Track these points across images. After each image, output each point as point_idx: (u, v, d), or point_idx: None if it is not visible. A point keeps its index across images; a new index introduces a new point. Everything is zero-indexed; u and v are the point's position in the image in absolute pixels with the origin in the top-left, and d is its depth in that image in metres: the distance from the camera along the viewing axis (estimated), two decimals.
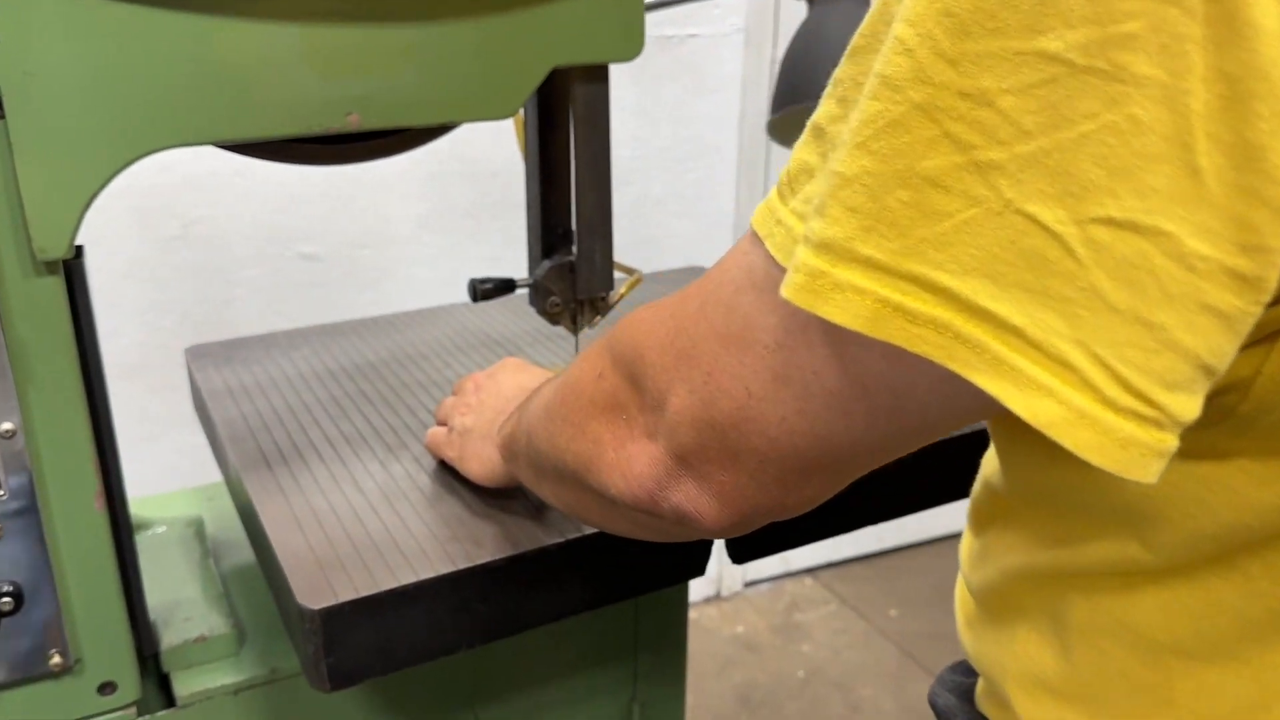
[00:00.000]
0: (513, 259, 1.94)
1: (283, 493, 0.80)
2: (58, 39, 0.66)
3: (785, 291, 0.37)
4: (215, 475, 1.00)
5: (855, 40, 0.39)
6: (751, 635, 2.30)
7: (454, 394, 0.87)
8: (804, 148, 0.42)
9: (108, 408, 0.77)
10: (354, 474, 0.83)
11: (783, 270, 0.41)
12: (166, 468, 1.67)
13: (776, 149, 2.07)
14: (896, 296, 0.34)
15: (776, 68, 2.05)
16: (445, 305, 1.21)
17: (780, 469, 0.44)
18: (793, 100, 1.07)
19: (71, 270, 0.73)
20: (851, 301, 0.35)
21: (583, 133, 0.89)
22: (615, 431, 0.51)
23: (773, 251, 0.41)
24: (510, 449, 0.70)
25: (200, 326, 1.73)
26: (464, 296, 2.00)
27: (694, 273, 1.33)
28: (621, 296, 0.98)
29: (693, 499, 0.47)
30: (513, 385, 0.81)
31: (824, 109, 0.41)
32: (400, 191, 1.82)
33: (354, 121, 0.77)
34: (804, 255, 0.37)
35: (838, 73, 0.40)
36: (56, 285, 0.71)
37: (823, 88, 1.22)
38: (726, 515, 0.47)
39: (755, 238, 0.43)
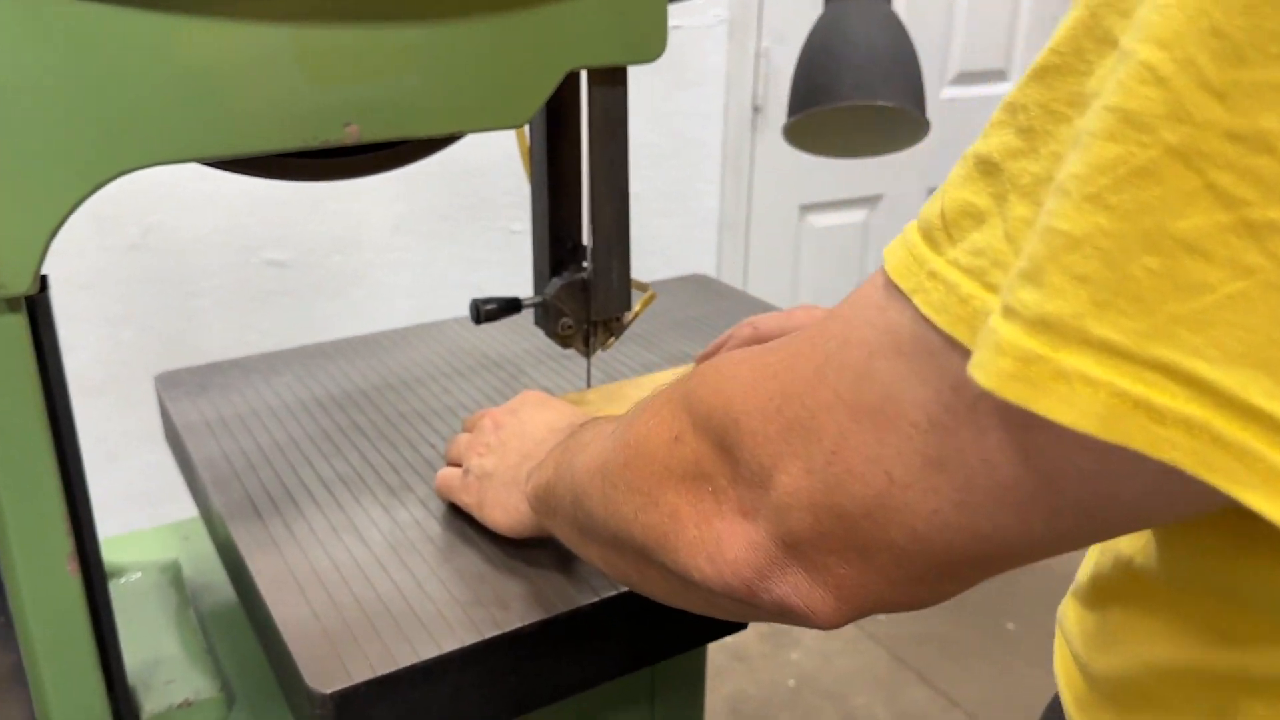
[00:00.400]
0: (492, 263, 1.85)
1: (277, 547, 0.72)
2: (9, 45, 0.57)
3: (984, 378, 0.30)
4: (180, 495, 0.91)
5: (1044, 58, 0.31)
6: (739, 644, 2.24)
7: (465, 429, 0.80)
8: (966, 185, 0.34)
9: (78, 457, 0.69)
10: (355, 522, 0.75)
11: (939, 334, 0.33)
12: (128, 489, 1.58)
13: (763, 144, 2.00)
14: (1139, 389, 0.27)
15: (762, 61, 1.98)
16: (433, 322, 1.13)
17: (921, 566, 0.37)
18: (813, 102, 0.99)
19: (35, 306, 0.64)
20: (1080, 396, 0.28)
21: (600, 141, 0.82)
22: (699, 506, 0.44)
23: (926, 311, 0.34)
24: (546, 503, 0.63)
25: (163, 340, 1.63)
26: (443, 304, 1.92)
27: (699, 282, 1.25)
28: (636, 315, 0.91)
29: (802, 593, 0.40)
30: (539, 424, 0.73)
31: (997, 140, 0.33)
32: (372, 193, 1.73)
33: (353, 133, 0.69)
34: (1011, 334, 0.29)
35: (1016, 96, 0.33)
36: (18, 325, 0.63)
37: (846, 88, 1.12)
38: (843, 612, 0.40)
39: (895, 290, 0.36)
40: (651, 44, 0.78)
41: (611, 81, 0.80)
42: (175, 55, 0.62)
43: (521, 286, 1.96)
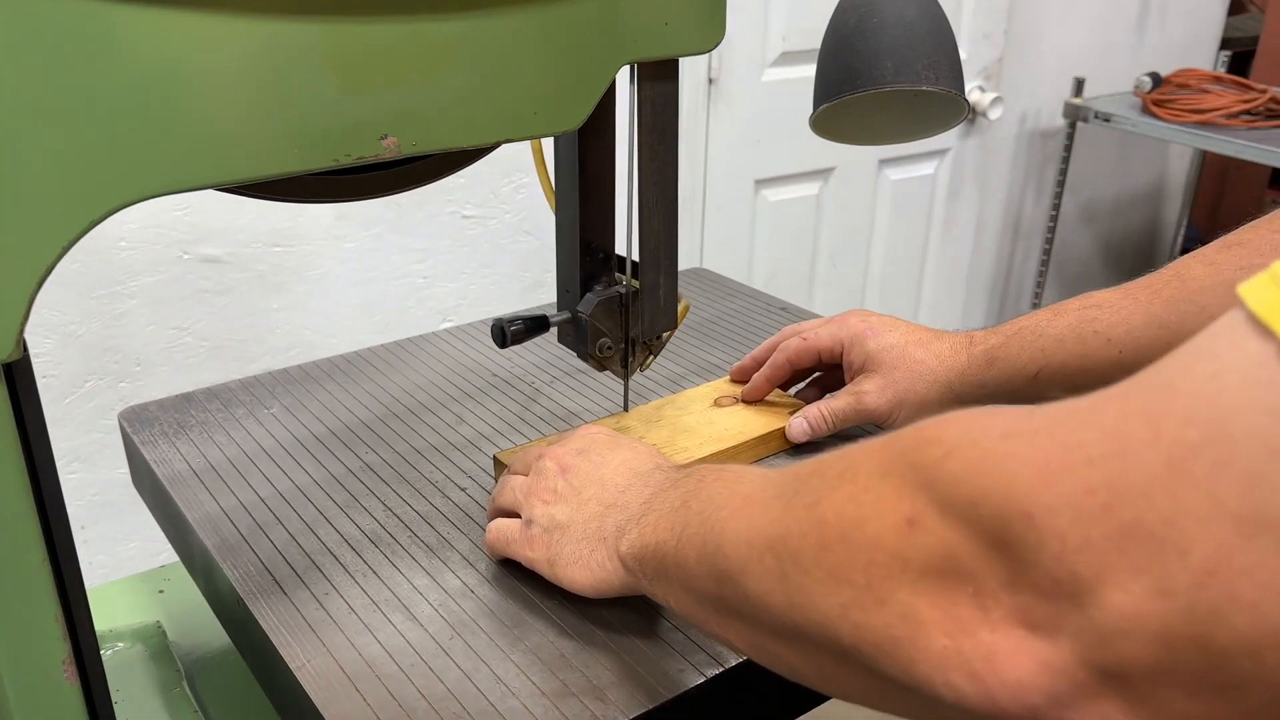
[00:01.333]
0: (442, 250, 1.73)
1: (314, 633, 0.62)
2: None
3: None
4: (119, 515, 0.80)
5: None
6: None
7: (514, 470, 0.70)
8: None
9: (70, 545, 0.57)
10: (398, 594, 0.65)
11: None
12: None
13: (717, 118, 1.91)
14: None
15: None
16: (423, 334, 1.02)
17: None
18: (848, 88, 0.91)
19: (14, 375, 0.53)
20: None
21: (649, 143, 0.72)
22: (951, 611, 0.37)
23: None
24: (654, 567, 0.55)
25: (89, 347, 1.48)
26: (393, 294, 1.80)
27: (698, 277, 1.17)
28: (673, 333, 0.82)
29: None
30: (618, 468, 0.64)
31: None
32: None
33: (391, 146, 0.58)
34: None
35: None
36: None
37: (888, 72, 1.03)
38: None
39: None
40: (710, 31, 0.69)
41: (663, 76, 0.71)
42: (183, 60, 0.51)
43: (478, 277, 1.85)
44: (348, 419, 0.86)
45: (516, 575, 0.66)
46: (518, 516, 0.66)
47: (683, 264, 0.81)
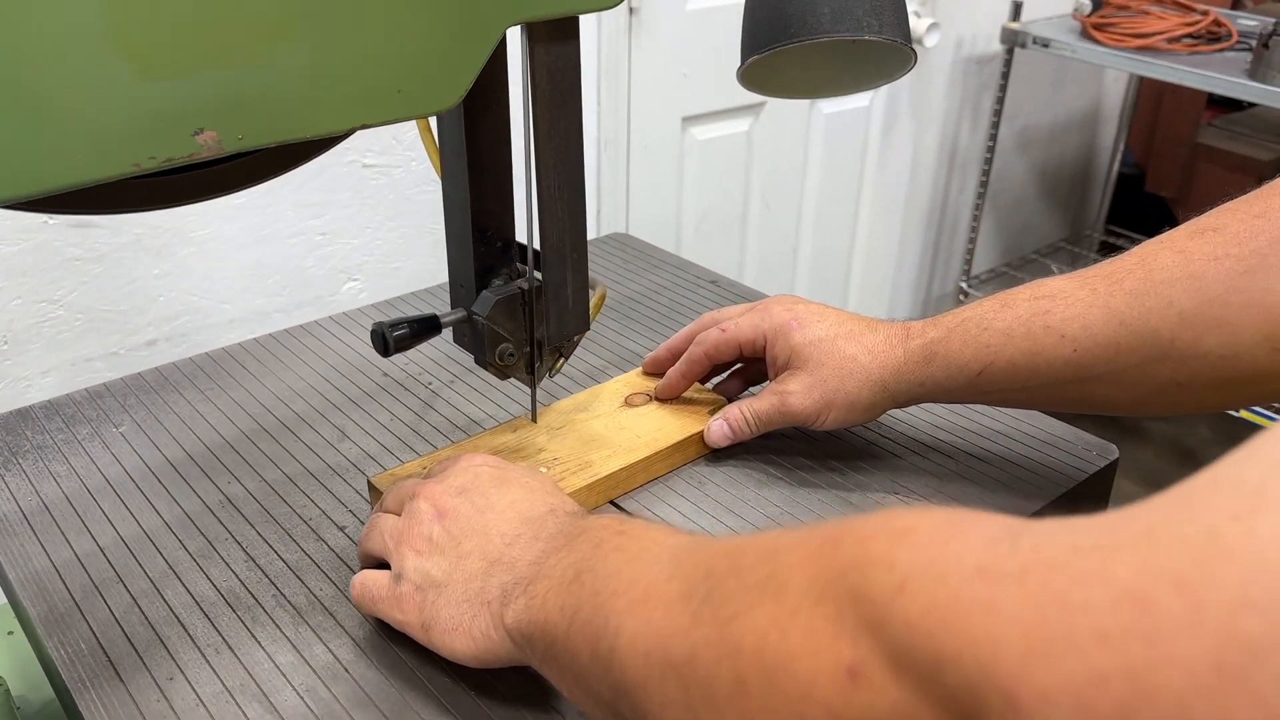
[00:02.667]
0: (341, 204, 1.59)
1: None
2: None
3: None
4: None
5: None
6: None
7: (385, 507, 0.59)
8: None
9: None
10: (255, 673, 0.54)
11: None
12: None
13: (640, 52, 1.77)
14: None
15: None
16: (301, 325, 0.90)
17: None
18: (774, 39, 0.80)
19: None
20: None
21: (546, 115, 0.60)
22: None
23: None
24: (540, 650, 0.47)
25: None
26: (286, 254, 1.65)
27: (620, 244, 1.05)
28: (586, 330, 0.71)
29: None
30: (506, 514, 0.54)
31: None
32: None
33: (209, 142, 0.46)
34: None
35: None
36: None
37: (824, 21, 0.90)
38: None
39: None
40: None
41: (559, 36, 0.59)
42: None
43: (383, 231, 1.71)
44: (209, 438, 0.74)
45: (398, 643, 0.56)
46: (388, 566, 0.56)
47: (608, 211, 0.70)
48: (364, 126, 0.50)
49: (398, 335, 0.66)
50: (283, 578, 0.61)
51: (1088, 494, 0.71)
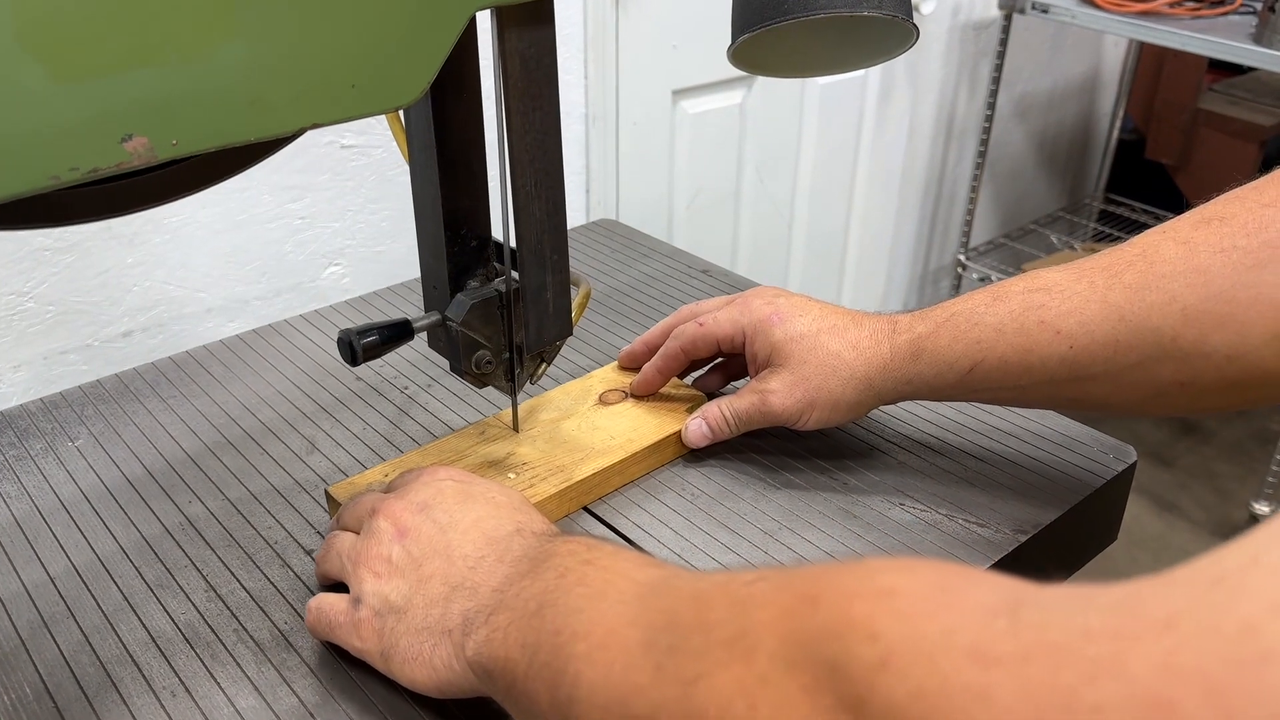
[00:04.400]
0: (319, 187, 1.54)
1: None
2: None
3: None
4: None
5: None
6: None
7: (342, 525, 0.56)
8: None
9: None
10: (211, 716, 0.50)
11: None
12: None
13: (628, 24, 1.72)
14: None
15: None
16: (272, 324, 0.85)
17: None
18: (767, 16, 0.75)
19: None
20: None
21: (520, 106, 0.55)
22: None
23: None
24: (505, 686, 0.44)
25: None
26: (263, 240, 1.60)
27: (607, 231, 1.00)
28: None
29: None
30: (470, 533, 0.51)
31: None
32: None
33: (140, 149, 0.41)
34: None
35: None
36: None
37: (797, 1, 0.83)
38: None
39: None
40: None
41: (532, 20, 0.54)
42: None
43: (365, 214, 1.65)
44: (170, 452, 0.69)
45: (368, 684, 0.52)
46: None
47: (597, 189, 0.65)
48: (314, 126, 0.46)
49: (366, 343, 0.62)
50: (245, 609, 0.57)
51: (1103, 499, 0.67)
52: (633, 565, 0.43)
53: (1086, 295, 0.56)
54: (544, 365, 0.66)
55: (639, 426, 0.69)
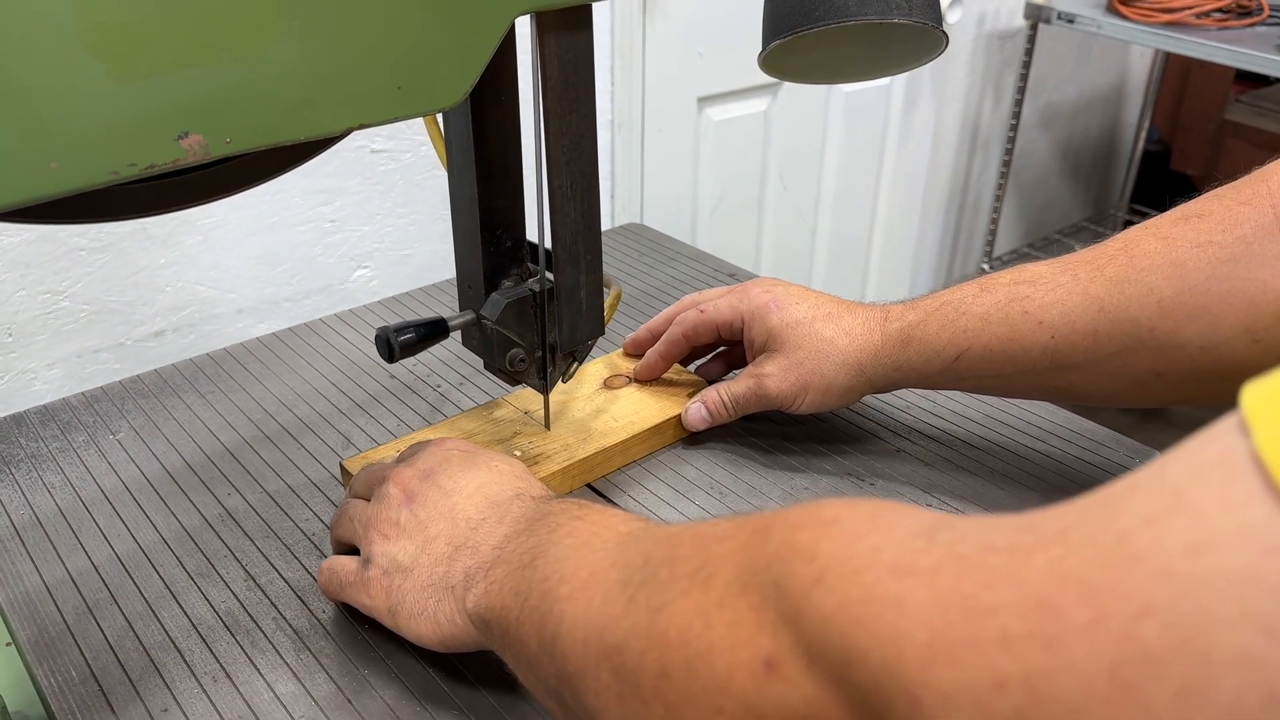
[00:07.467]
0: (350, 191, 1.56)
1: None
2: None
3: None
4: None
5: None
6: None
7: (355, 492, 0.59)
8: None
9: None
10: (254, 704, 0.52)
11: None
12: None
13: (654, 32, 1.73)
14: None
15: None
16: (305, 323, 0.87)
17: None
18: (797, 23, 0.76)
19: None
20: None
21: (557, 110, 0.57)
22: None
23: None
24: (501, 635, 0.46)
25: None
26: (294, 242, 1.62)
27: (635, 235, 1.01)
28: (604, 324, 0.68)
29: None
30: (473, 498, 0.53)
31: None
32: None
33: (195, 147, 0.43)
34: None
35: None
36: None
37: (852, 4, 0.86)
38: None
39: None
40: None
41: (572, 26, 0.55)
42: None
43: (394, 217, 1.67)
44: (209, 445, 0.71)
45: (405, 673, 0.53)
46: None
47: (622, 194, 0.67)
48: (361, 126, 0.47)
49: (403, 340, 0.63)
50: (284, 599, 0.58)
51: None
52: (618, 519, 0.46)
53: (1069, 287, 0.59)
54: (575, 364, 0.68)
55: (640, 410, 0.71)
